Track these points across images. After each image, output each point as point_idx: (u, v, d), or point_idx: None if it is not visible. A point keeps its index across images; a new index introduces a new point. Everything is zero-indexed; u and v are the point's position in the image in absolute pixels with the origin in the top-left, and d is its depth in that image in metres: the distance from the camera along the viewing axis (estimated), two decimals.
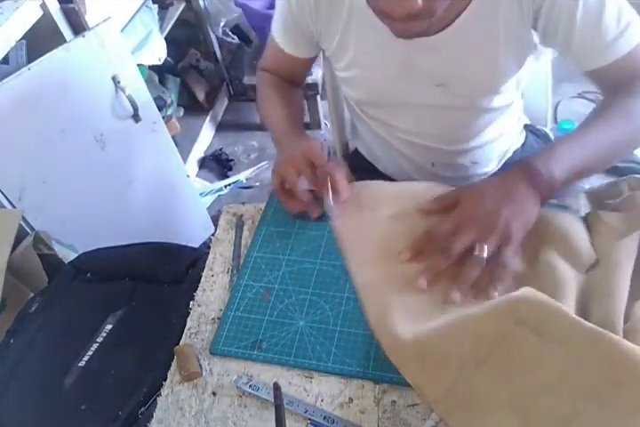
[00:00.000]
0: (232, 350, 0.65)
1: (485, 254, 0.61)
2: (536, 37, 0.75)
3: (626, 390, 0.48)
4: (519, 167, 0.66)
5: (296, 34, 0.87)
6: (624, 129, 0.69)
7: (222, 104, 2.34)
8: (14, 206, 1.09)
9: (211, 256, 0.77)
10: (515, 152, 1.02)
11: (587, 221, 0.69)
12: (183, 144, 2.03)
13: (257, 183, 2.06)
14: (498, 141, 0.97)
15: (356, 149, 1.15)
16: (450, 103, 0.84)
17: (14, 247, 0.90)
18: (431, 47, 0.76)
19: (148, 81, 1.75)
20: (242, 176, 2.07)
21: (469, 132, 0.91)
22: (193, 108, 2.18)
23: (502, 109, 0.89)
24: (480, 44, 0.75)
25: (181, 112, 2.15)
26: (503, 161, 1.02)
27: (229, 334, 0.67)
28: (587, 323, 0.52)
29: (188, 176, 1.68)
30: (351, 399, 0.59)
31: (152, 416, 0.61)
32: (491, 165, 1.01)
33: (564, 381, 0.51)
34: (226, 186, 2.06)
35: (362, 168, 1.12)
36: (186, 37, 2.15)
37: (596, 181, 0.71)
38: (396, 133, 0.94)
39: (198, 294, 0.73)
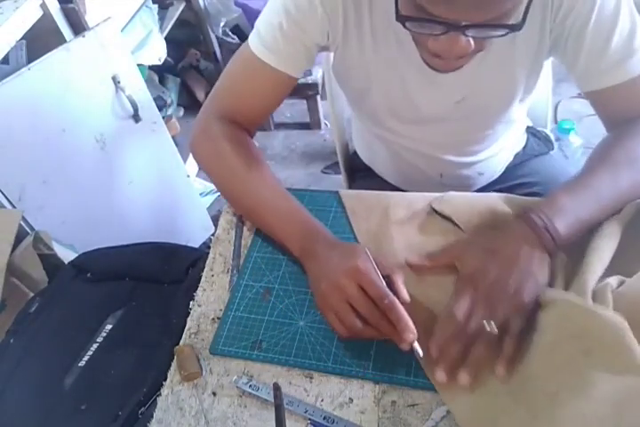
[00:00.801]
0: (232, 350, 0.65)
1: (495, 330, 0.57)
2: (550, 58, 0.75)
3: (594, 357, 0.52)
4: (520, 225, 0.63)
5: (295, 47, 0.74)
6: (629, 177, 0.66)
7: None
8: (14, 206, 1.09)
9: (211, 256, 0.77)
10: (516, 155, 1.02)
11: None
12: (183, 144, 2.02)
13: None
14: (504, 151, 0.98)
15: (357, 151, 1.15)
16: (466, 117, 0.82)
17: (14, 247, 0.91)
18: None
19: (148, 81, 1.75)
20: None
21: (481, 144, 0.91)
22: (193, 108, 2.19)
23: (513, 121, 0.89)
24: (499, 60, 0.73)
25: (181, 112, 2.15)
26: (505, 166, 1.02)
27: (229, 334, 0.67)
28: (567, 296, 0.56)
29: (188, 176, 1.68)
30: (351, 399, 0.59)
31: (152, 416, 0.61)
32: (495, 173, 1.01)
33: (550, 358, 0.55)
34: None
35: (364, 169, 1.12)
36: (186, 37, 2.15)
37: None
38: (408, 145, 0.92)
39: (198, 293, 0.73)
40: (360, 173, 1.16)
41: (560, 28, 0.69)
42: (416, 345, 0.58)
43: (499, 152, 0.96)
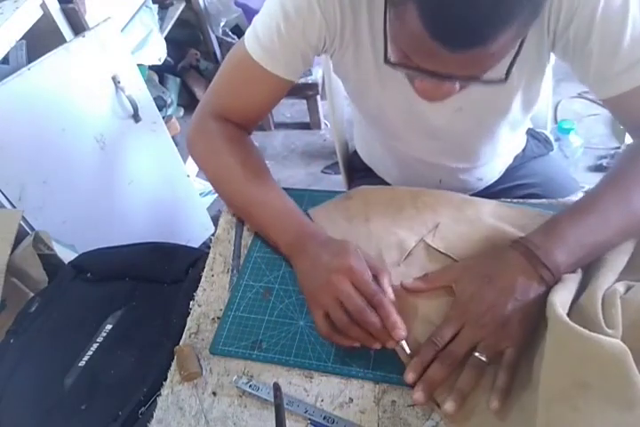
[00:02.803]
0: (232, 349, 0.65)
1: (485, 359, 0.56)
2: (553, 60, 0.73)
3: (593, 391, 0.49)
4: (518, 257, 0.59)
5: (292, 51, 0.73)
6: None
7: None
8: (14, 206, 1.09)
9: (211, 256, 0.77)
10: (515, 157, 1.02)
11: None
12: (183, 144, 2.01)
13: None
14: (504, 156, 0.97)
15: (357, 151, 1.15)
16: (465, 126, 0.81)
17: (14, 247, 0.91)
18: None
19: (148, 81, 1.75)
20: None
21: (481, 151, 0.90)
22: (193, 108, 2.17)
23: (515, 130, 0.89)
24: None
25: (181, 112, 2.16)
26: (504, 169, 1.02)
27: (229, 334, 0.67)
28: (567, 322, 0.52)
29: (188, 176, 1.68)
30: (351, 399, 0.59)
31: (152, 416, 0.61)
32: (494, 178, 1.01)
33: (544, 382, 0.52)
34: None
35: (363, 169, 1.12)
36: (186, 37, 2.16)
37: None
38: (408, 151, 0.91)
39: (198, 293, 0.73)
40: (360, 174, 1.16)
41: (563, 40, 0.66)
42: (404, 344, 0.59)
43: (498, 159, 0.95)
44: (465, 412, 0.55)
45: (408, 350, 0.59)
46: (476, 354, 0.56)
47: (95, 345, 0.74)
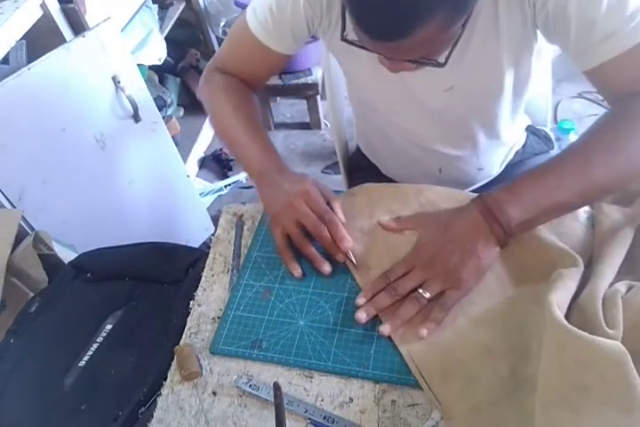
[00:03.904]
0: (232, 349, 0.65)
1: (428, 295, 0.63)
2: (541, 36, 0.73)
3: (593, 394, 0.48)
4: (473, 211, 0.65)
5: (284, 30, 0.80)
6: (604, 162, 0.62)
7: None
8: (14, 206, 1.09)
9: (211, 256, 0.77)
10: (516, 153, 1.02)
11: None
12: (183, 144, 2.03)
13: None
14: (503, 146, 0.97)
15: (358, 150, 1.15)
16: (459, 107, 0.83)
17: (14, 247, 0.91)
18: None
19: (148, 81, 1.75)
20: (242, 176, 2.07)
21: (478, 136, 0.90)
22: (193, 108, 2.18)
23: (510, 115, 0.89)
24: (483, 49, 0.73)
25: (181, 112, 2.15)
26: (505, 164, 1.02)
27: (229, 334, 0.67)
28: (566, 325, 0.51)
29: (188, 176, 1.68)
30: (351, 399, 0.59)
31: (152, 416, 0.61)
32: (494, 169, 1.01)
33: (542, 385, 0.51)
34: (226, 186, 2.06)
35: (363, 168, 1.12)
36: (186, 37, 2.16)
37: None
38: (406, 136, 0.93)
39: (198, 293, 0.73)
40: (360, 173, 1.16)
41: (544, 14, 0.66)
42: (351, 256, 0.70)
43: (497, 147, 0.96)
44: (464, 410, 0.55)
45: (355, 262, 0.70)
46: (420, 290, 0.64)
47: (95, 345, 0.74)
